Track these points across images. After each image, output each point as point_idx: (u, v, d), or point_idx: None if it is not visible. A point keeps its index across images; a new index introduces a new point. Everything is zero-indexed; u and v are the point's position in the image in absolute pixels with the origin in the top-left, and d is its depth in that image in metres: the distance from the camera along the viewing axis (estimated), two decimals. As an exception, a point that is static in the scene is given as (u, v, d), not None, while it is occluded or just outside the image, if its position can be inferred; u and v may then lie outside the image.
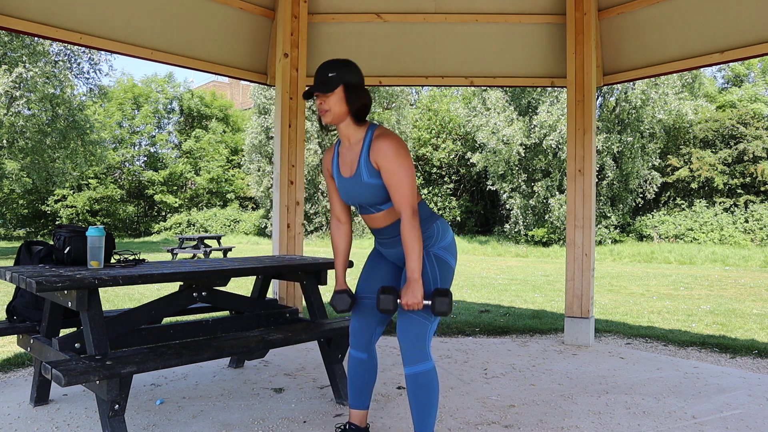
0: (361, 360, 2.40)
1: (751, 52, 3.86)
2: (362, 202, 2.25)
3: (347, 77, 2.16)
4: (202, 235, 13.45)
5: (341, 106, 2.17)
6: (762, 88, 20.42)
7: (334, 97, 2.15)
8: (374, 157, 2.14)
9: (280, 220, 4.57)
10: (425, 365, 2.18)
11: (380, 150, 2.12)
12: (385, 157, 2.11)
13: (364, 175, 2.18)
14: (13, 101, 15.89)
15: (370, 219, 2.31)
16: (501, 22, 4.62)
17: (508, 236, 19.40)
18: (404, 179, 2.11)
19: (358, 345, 2.40)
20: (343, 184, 2.27)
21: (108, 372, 2.13)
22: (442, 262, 2.23)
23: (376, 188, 2.18)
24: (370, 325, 2.38)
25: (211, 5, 4.39)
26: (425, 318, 2.17)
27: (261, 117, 22.73)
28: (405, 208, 2.11)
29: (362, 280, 2.42)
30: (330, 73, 2.15)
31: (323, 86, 2.15)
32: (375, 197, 2.21)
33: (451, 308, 2.10)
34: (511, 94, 19.15)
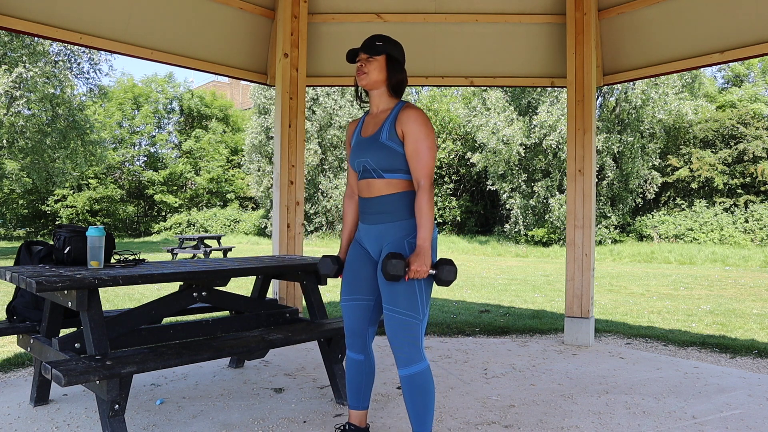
0: (358, 361, 2.41)
1: (751, 52, 3.86)
2: (369, 162, 2.25)
3: (393, 50, 2.26)
4: (202, 235, 13.45)
5: (380, 74, 2.25)
6: (762, 88, 20.42)
7: (376, 63, 2.24)
8: (401, 123, 2.19)
9: (280, 220, 4.57)
10: (419, 365, 2.17)
11: (410, 117, 2.18)
12: (414, 123, 2.16)
13: (384, 136, 2.22)
14: (13, 101, 15.89)
15: (368, 185, 2.27)
16: (501, 22, 4.62)
17: (508, 236, 19.40)
18: (428, 150, 2.16)
19: (353, 346, 2.41)
20: (358, 144, 2.31)
21: (108, 372, 2.13)
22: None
23: (388, 150, 2.20)
24: (363, 327, 2.38)
25: (211, 5, 4.39)
26: (414, 316, 2.14)
27: (261, 117, 22.73)
28: (425, 177, 2.15)
29: (346, 284, 2.40)
30: (378, 42, 2.24)
31: (369, 48, 2.24)
32: (384, 159, 2.21)
33: (456, 276, 2.12)
34: (511, 94, 19.15)
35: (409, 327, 2.14)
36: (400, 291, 2.14)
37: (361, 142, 2.30)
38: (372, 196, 2.27)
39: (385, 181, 2.23)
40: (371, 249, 2.33)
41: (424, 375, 2.18)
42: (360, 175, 2.31)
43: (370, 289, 2.35)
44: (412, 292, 2.14)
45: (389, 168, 2.21)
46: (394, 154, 2.19)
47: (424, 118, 2.18)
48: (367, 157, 2.25)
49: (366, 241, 2.34)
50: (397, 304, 2.14)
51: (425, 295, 2.17)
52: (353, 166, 2.34)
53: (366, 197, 2.30)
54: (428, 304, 2.22)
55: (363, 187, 2.30)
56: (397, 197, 2.22)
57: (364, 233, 2.35)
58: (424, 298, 2.17)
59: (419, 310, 2.15)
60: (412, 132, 2.16)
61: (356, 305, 2.36)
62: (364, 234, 2.35)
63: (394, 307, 2.15)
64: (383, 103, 2.30)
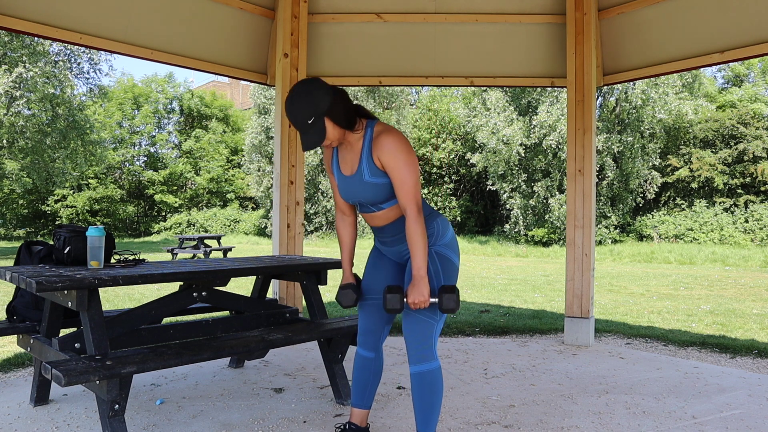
0: (368, 359, 2.41)
1: (751, 52, 3.86)
2: (362, 200, 2.23)
3: (321, 107, 2.04)
4: (202, 235, 13.45)
5: (336, 131, 2.10)
6: (762, 88, 20.42)
7: (327, 132, 2.08)
8: (377, 154, 2.12)
9: (280, 220, 4.57)
10: (431, 364, 2.18)
11: (383, 147, 2.10)
12: (389, 153, 2.09)
13: (366, 174, 2.16)
14: (13, 101, 15.89)
15: (371, 217, 2.30)
16: (501, 22, 4.62)
17: (508, 236, 19.41)
18: (409, 176, 2.09)
19: (365, 344, 2.41)
20: (343, 183, 2.25)
21: (108, 372, 2.13)
22: (445, 259, 2.23)
23: (376, 187, 2.16)
24: (378, 325, 2.38)
25: (211, 5, 4.39)
26: (431, 317, 2.17)
27: (261, 117, 22.73)
28: (410, 205, 2.09)
29: (366, 281, 2.42)
30: (308, 120, 2.04)
31: (315, 138, 2.06)
32: (376, 196, 2.19)
33: (458, 305, 2.08)
34: (511, 94, 19.15)
35: (426, 326, 2.16)
36: None
37: (345, 180, 2.24)
38: (380, 225, 2.30)
39: (384, 211, 2.24)
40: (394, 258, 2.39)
41: (435, 374, 2.19)
42: (358, 208, 2.31)
43: None
44: (433, 293, 2.17)
45: (383, 200, 2.20)
46: (382, 187, 2.16)
47: (397, 142, 2.09)
48: (359, 197, 2.23)
49: (387, 253, 2.40)
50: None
51: None
52: (347, 201, 2.31)
53: (374, 226, 2.33)
54: None
55: (367, 218, 2.32)
56: (403, 220, 2.23)
57: (384, 251, 2.40)
58: None
59: (437, 312, 2.17)
60: (388, 162, 2.09)
61: (373, 304, 2.38)
62: (386, 252, 2.40)
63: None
64: (351, 137, 2.18)
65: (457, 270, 2.28)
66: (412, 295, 2.07)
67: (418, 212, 2.08)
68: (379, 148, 2.11)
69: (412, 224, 2.08)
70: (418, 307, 2.08)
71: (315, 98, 2.04)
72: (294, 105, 2.05)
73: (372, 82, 4.80)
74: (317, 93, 2.05)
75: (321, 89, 2.06)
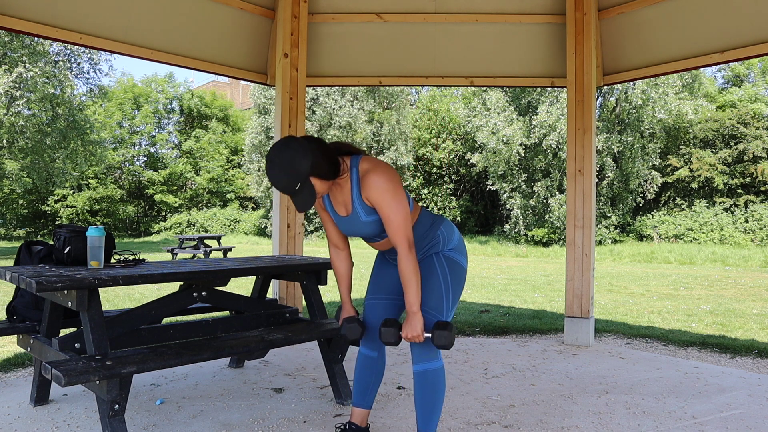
0: (370, 358, 2.41)
1: (751, 52, 3.86)
2: (363, 236, 2.27)
3: (304, 170, 1.99)
4: (202, 235, 13.45)
5: (323, 184, 2.09)
6: (762, 88, 20.42)
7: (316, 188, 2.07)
8: (365, 194, 2.12)
9: (280, 220, 4.57)
10: (434, 363, 2.20)
11: (369, 188, 2.09)
12: (375, 193, 2.08)
13: (362, 215, 2.17)
14: (13, 101, 15.89)
15: (376, 245, 2.34)
16: (501, 22, 4.62)
17: (508, 236, 19.41)
18: (396, 213, 2.08)
19: (369, 343, 2.42)
20: (341, 222, 2.26)
21: (108, 372, 2.13)
22: (453, 262, 2.26)
23: (375, 224, 2.19)
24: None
25: (211, 5, 4.39)
26: (437, 317, 2.19)
27: (261, 117, 22.72)
28: (400, 242, 2.09)
29: (373, 283, 2.44)
30: (295, 186, 2.01)
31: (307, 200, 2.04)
32: (375, 231, 2.22)
33: (452, 342, 2.08)
34: (511, 94, 19.16)
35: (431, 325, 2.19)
36: (431, 290, 2.21)
37: (343, 220, 2.24)
38: (385, 249, 2.34)
39: (387, 239, 2.26)
40: None
41: (438, 374, 2.20)
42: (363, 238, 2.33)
43: (394, 290, 2.39)
44: (440, 294, 2.21)
45: (383, 231, 2.22)
46: (380, 222, 2.18)
47: (381, 180, 2.07)
48: (359, 234, 2.25)
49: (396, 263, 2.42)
50: (425, 302, 2.20)
51: (452, 299, 2.24)
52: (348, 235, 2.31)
53: (381, 250, 2.37)
54: (454, 308, 2.27)
55: (373, 245, 2.35)
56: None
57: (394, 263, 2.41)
58: (450, 302, 2.23)
59: (443, 312, 2.20)
60: (376, 202, 2.09)
61: (379, 303, 2.40)
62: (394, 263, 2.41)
63: (422, 305, 2.20)
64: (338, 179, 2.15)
65: (465, 272, 2.31)
66: (406, 330, 2.11)
67: (408, 248, 2.09)
68: (366, 188, 2.10)
69: (403, 260, 2.09)
70: (412, 341, 2.13)
71: (295, 164, 1.99)
72: (277, 175, 2.01)
73: (372, 82, 4.80)
74: (296, 158, 1.99)
75: (298, 152, 1.99)
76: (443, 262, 2.24)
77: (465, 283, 2.34)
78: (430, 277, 2.23)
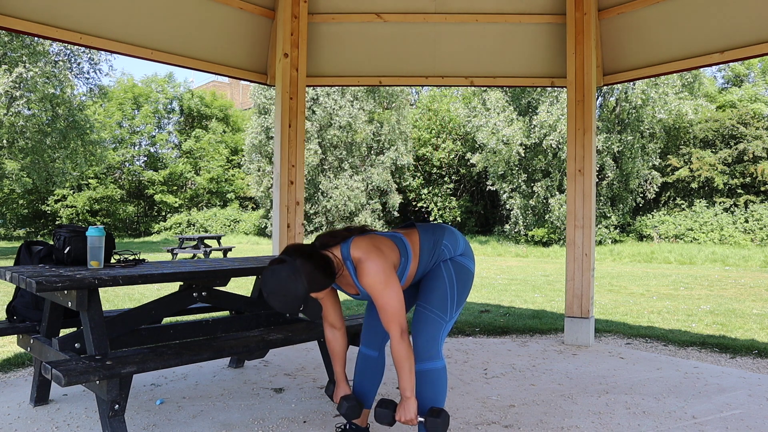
0: (370, 357, 2.42)
1: (751, 52, 3.86)
2: None
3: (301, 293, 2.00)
4: (202, 235, 13.45)
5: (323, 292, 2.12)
6: (762, 88, 20.42)
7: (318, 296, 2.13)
8: (361, 283, 2.14)
9: (280, 220, 4.57)
10: (436, 363, 2.21)
11: (363, 279, 2.11)
12: (368, 284, 2.10)
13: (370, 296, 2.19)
14: (13, 101, 15.89)
15: None
16: (501, 22, 4.62)
17: (508, 236, 19.40)
18: (388, 301, 2.09)
19: (369, 342, 2.42)
20: (358, 297, 2.29)
21: (108, 372, 2.13)
22: (460, 266, 2.28)
23: None
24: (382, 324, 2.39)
25: (211, 5, 4.39)
26: (441, 316, 2.21)
27: (261, 117, 22.72)
28: (393, 329, 2.10)
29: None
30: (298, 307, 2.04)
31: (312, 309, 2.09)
32: None
33: (446, 429, 2.09)
34: (511, 94, 19.15)
35: (434, 324, 2.21)
36: (436, 290, 2.23)
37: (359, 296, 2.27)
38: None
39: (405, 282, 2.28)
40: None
41: (439, 373, 2.21)
42: None
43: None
44: (445, 294, 2.23)
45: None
46: None
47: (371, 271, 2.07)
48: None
49: None
50: (429, 302, 2.22)
51: (457, 301, 2.25)
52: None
53: None
54: (458, 309, 2.28)
55: None
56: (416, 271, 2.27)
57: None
58: (455, 303, 2.25)
59: (447, 312, 2.22)
60: (370, 291, 2.11)
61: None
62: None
63: (426, 304, 2.23)
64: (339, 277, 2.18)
65: (473, 275, 2.32)
66: (399, 414, 2.13)
67: (401, 335, 2.10)
68: (361, 278, 2.12)
69: (396, 346, 2.10)
70: (406, 424, 2.14)
71: (291, 290, 1.99)
72: (279, 305, 2.02)
73: (372, 82, 4.80)
74: (290, 285, 1.98)
75: (290, 279, 1.98)
76: (450, 266, 2.26)
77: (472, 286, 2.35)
78: (436, 279, 2.25)
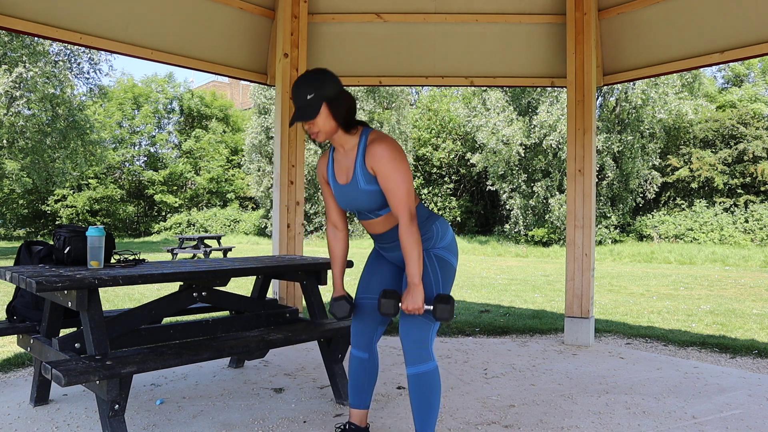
0: (362, 359, 2.41)
1: (751, 52, 3.86)
2: (360, 208, 2.24)
3: (326, 92, 2.08)
4: (202, 235, 13.45)
5: (329, 122, 2.11)
6: (762, 88, 20.42)
7: (320, 117, 2.09)
8: (369, 162, 2.11)
9: (280, 220, 4.57)
10: (428, 365, 2.18)
11: (375, 155, 2.09)
12: (380, 161, 2.08)
13: (361, 182, 2.16)
14: (13, 101, 15.89)
15: (369, 224, 2.30)
16: (501, 22, 4.62)
17: (508, 236, 19.40)
18: (401, 184, 2.08)
19: (359, 344, 2.41)
20: (339, 191, 2.25)
21: (108, 372, 2.13)
22: (443, 261, 2.23)
23: (373, 194, 2.16)
24: (371, 325, 2.38)
25: (211, 5, 4.39)
26: (428, 319, 2.17)
27: (261, 117, 22.73)
28: (402, 213, 2.08)
29: (363, 282, 2.42)
30: (308, 95, 2.07)
31: (306, 112, 2.08)
32: (372, 203, 2.19)
33: (453, 315, 2.09)
34: (511, 94, 19.15)
35: (422, 327, 2.17)
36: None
37: (341, 189, 2.24)
38: (379, 232, 2.30)
39: (382, 218, 2.24)
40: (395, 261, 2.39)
41: (432, 375, 2.19)
42: (357, 215, 2.31)
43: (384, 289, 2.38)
44: (431, 294, 2.18)
45: (380, 206, 2.20)
46: (378, 194, 2.16)
47: (389, 150, 2.08)
48: (356, 205, 2.23)
49: (388, 257, 2.40)
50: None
51: None
52: (344, 209, 2.32)
53: (373, 233, 2.33)
54: None
55: (366, 225, 2.32)
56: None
57: (387, 258, 2.40)
58: None
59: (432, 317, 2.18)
60: (381, 171, 2.09)
61: (368, 304, 2.38)
62: (387, 258, 2.40)
63: None
64: (346, 141, 2.18)
65: (455, 272, 2.29)
66: (407, 302, 2.09)
67: (410, 220, 2.08)
68: (371, 156, 2.10)
69: (405, 232, 2.07)
70: (412, 313, 2.11)
71: (322, 81, 2.09)
72: (301, 80, 2.11)
73: (372, 82, 4.80)
74: (327, 78, 2.11)
75: (333, 79, 2.12)
76: (434, 261, 2.22)
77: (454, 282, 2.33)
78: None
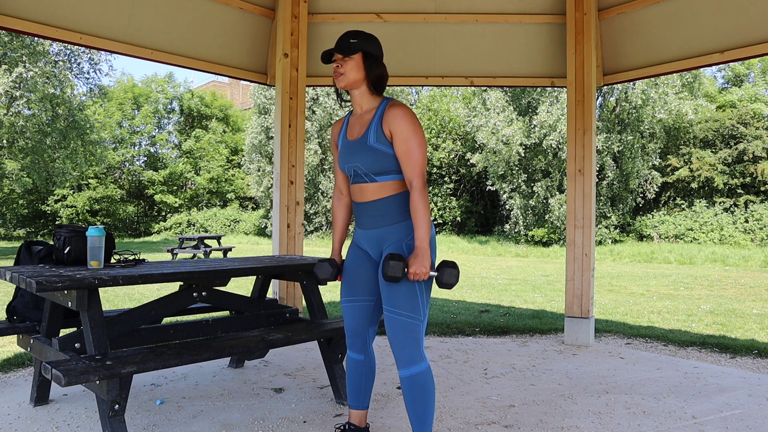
0: (358, 361, 2.40)
1: (751, 52, 3.86)
2: (360, 167, 2.20)
3: (368, 46, 2.21)
4: (202, 235, 13.45)
5: (358, 72, 2.20)
6: (762, 88, 20.42)
7: (352, 62, 2.19)
8: (388, 122, 2.13)
9: (280, 220, 4.57)
10: (420, 366, 2.16)
11: (396, 117, 2.12)
12: (401, 124, 2.11)
13: (371, 138, 2.17)
14: (13, 101, 15.89)
15: (360, 190, 2.24)
16: (501, 22, 4.62)
17: (508, 236, 19.40)
18: (418, 148, 2.11)
19: (353, 347, 2.40)
20: (345, 147, 2.26)
21: (108, 372, 2.13)
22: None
23: (377, 153, 2.15)
24: (363, 327, 2.37)
25: (211, 5, 4.39)
26: (414, 318, 2.13)
27: (261, 117, 22.73)
28: (417, 177, 2.10)
29: (346, 285, 2.38)
30: (352, 39, 2.19)
31: (343, 48, 2.18)
32: (374, 163, 2.16)
33: (458, 279, 2.08)
34: (511, 94, 19.15)
35: (410, 328, 2.13)
36: (400, 292, 2.12)
37: (348, 145, 2.24)
38: (365, 201, 2.24)
39: (377, 184, 2.20)
40: (371, 252, 2.31)
41: (425, 375, 2.17)
42: (351, 179, 2.28)
43: (369, 290, 2.33)
44: (413, 293, 2.12)
45: (381, 171, 2.17)
46: (384, 156, 2.15)
47: (410, 115, 2.13)
48: (357, 162, 2.21)
49: (365, 244, 2.33)
50: (397, 305, 2.13)
51: (426, 296, 2.16)
52: (343, 170, 2.31)
53: (359, 202, 2.26)
54: (428, 305, 2.20)
55: (356, 191, 2.27)
56: (391, 200, 2.19)
57: (362, 238, 2.32)
58: (424, 300, 2.16)
59: (420, 311, 2.14)
60: (400, 132, 2.11)
61: (356, 306, 2.35)
62: (363, 238, 2.32)
63: (394, 309, 2.13)
64: (366, 102, 2.24)
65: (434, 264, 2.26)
66: (414, 266, 2.05)
67: (423, 186, 2.10)
68: (391, 117, 2.14)
69: (416, 197, 2.09)
70: (417, 278, 2.06)
71: (368, 37, 2.23)
72: (351, 30, 2.24)
73: (372, 82, 4.79)
74: (373, 39, 2.25)
75: (377, 43, 2.27)
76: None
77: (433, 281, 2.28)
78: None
